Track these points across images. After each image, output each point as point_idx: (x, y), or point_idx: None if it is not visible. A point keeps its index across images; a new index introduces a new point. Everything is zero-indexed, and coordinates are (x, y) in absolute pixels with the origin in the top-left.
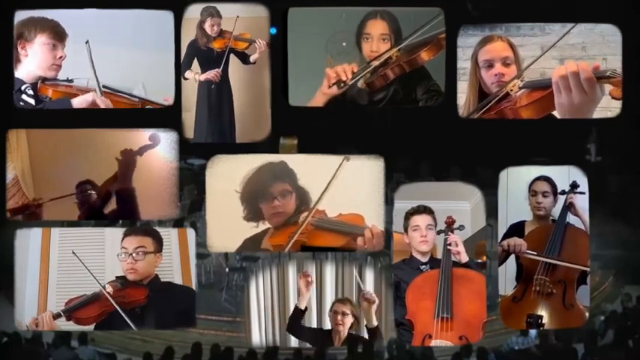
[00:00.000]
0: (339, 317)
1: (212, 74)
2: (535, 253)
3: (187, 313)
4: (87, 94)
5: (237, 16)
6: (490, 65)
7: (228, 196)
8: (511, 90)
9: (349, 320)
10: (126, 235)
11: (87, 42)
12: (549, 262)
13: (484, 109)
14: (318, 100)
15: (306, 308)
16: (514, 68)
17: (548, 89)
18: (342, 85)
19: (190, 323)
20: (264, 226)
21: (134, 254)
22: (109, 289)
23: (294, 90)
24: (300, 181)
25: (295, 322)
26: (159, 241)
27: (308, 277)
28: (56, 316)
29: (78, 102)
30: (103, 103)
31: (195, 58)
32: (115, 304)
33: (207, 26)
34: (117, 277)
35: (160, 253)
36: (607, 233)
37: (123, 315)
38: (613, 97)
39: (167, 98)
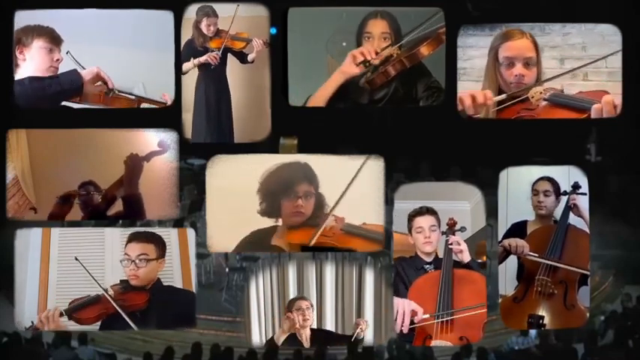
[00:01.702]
0: (307, 312)
1: (211, 56)
2: (537, 255)
3: (186, 316)
4: (92, 67)
5: (235, 14)
6: (511, 64)
7: (239, 191)
8: (532, 97)
9: (312, 314)
10: (129, 240)
11: (67, 52)
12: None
13: (501, 105)
14: (336, 79)
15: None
16: (535, 71)
17: (584, 112)
18: (368, 64)
19: (189, 324)
20: (277, 223)
21: (137, 261)
22: (111, 292)
23: (294, 90)
24: (320, 188)
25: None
26: (162, 247)
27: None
28: (60, 315)
29: (85, 73)
30: (108, 79)
31: (192, 58)
32: (117, 307)
33: (203, 26)
34: (121, 280)
35: (162, 258)
36: (607, 233)
37: (125, 317)
38: None
39: (165, 95)
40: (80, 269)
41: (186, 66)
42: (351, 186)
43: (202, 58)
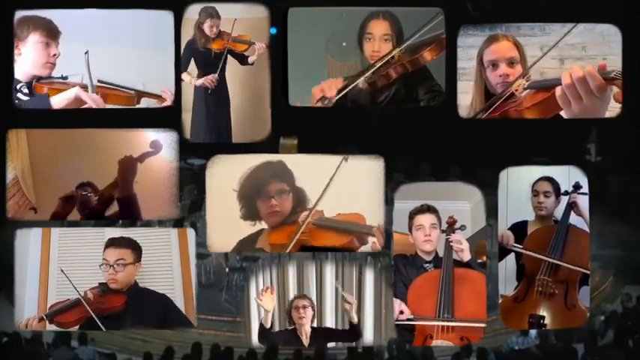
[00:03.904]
0: (301, 311)
1: (208, 80)
2: (520, 246)
3: (161, 315)
4: (69, 90)
5: (235, 19)
6: (495, 65)
7: (227, 196)
8: (516, 90)
9: (310, 313)
10: (107, 246)
11: (86, 52)
12: (552, 263)
13: (490, 109)
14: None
15: (271, 325)
16: (519, 68)
17: (552, 90)
18: (327, 101)
19: (165, 324)
20: (260, 225)
21: (115, 266)
22: (90, 295)
23: (294, 90)
24: (297, 182)
25: (265, 337)
26: (138, 251)
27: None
28: (40, 320)
29: (57, 101)
30: (92, 100)
31: (193, 59)
32: (92, 313)
33: (206, 27)
34: (99, 283)
35: (139, 262)
36: (607, 233)
37: (98, 322)
38: (616, 101)
39: (165, 90)
40: (79, 269)
41: (184, 77)
42: (349, 185)
43: (199, 82)
